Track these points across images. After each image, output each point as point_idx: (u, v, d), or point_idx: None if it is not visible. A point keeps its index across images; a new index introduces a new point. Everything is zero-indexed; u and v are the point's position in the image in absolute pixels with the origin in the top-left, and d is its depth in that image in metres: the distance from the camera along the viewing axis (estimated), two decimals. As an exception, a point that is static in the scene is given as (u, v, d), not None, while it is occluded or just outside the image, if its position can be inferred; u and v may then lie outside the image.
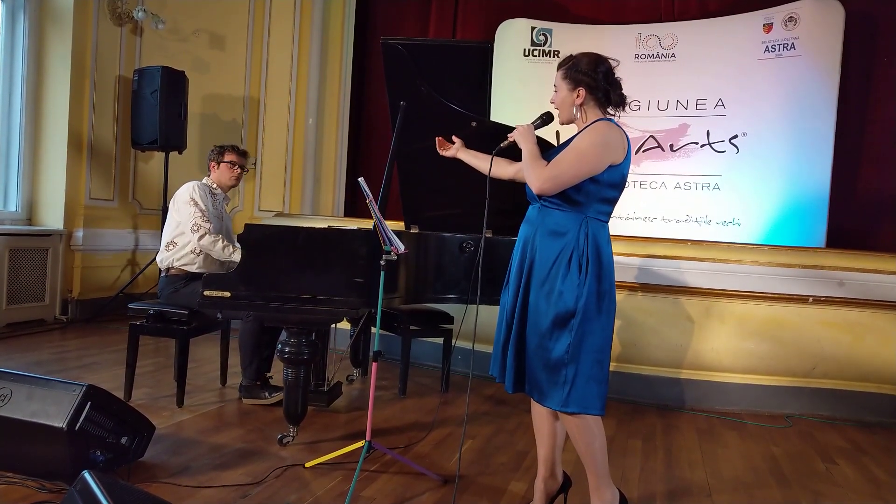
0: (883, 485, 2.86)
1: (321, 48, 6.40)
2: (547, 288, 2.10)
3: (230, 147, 3.68)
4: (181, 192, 3.50)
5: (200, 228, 3.37)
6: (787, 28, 5.36)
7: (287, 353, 2.77)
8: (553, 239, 2.13)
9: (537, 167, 2.13)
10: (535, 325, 2.12)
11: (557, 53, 6.07)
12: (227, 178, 3.64)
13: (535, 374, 2.13)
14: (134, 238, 5.99)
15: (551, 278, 2.10)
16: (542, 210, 2.18)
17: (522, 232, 2.26)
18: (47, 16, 5.29)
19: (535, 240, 2.17)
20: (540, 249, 2.15)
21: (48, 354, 4.26)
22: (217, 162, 3.63)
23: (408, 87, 3.19)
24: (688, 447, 3.20)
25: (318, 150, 6.49)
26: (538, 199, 2.19)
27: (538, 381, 2.12)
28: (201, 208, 3.42)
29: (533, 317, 2.13)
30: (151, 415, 2.70)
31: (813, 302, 3.80)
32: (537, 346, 2.11)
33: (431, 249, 3.09)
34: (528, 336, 2.15)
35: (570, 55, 2.27)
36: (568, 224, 2.12)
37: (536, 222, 2.19)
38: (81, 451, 2.23)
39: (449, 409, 3.60)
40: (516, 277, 2.23)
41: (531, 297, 2.14)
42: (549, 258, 2.12)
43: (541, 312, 2.11)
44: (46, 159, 5.34)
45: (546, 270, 2.12)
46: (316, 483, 2.47)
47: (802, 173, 5.28)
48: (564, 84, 2.23)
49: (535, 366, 2.13)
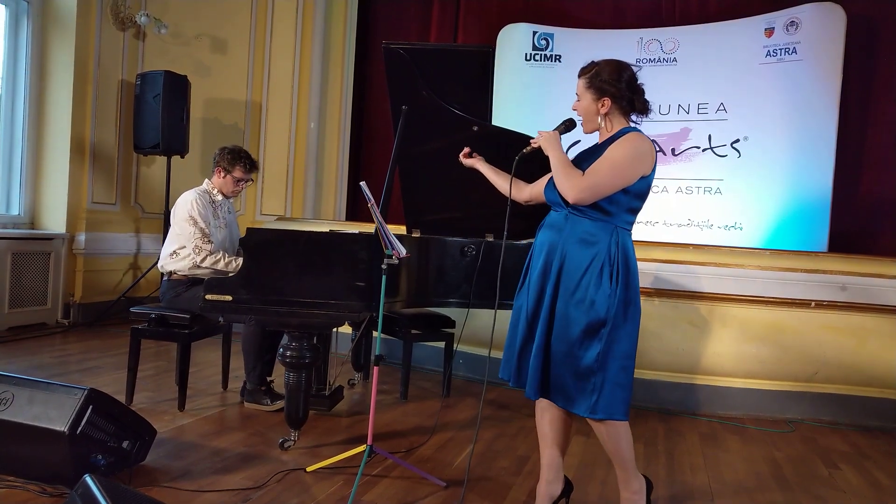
0: (886, 489, 2.85)
1: (323, 52, 6.41)
2: (578, 296, 2.11)
3: (242, 161, 3.53)
4: (180, 206, 3.42)
5: (201, 251, 3.33)
6: (788, 32, 5.37)
7: (288, 356, 2.77)
8: (584, 247, 2.13)
9: (573, 176, 2.14)
10: (564, 332, 2.12)
11: (559, 58, 6.09)
12: (228, 190, 3.57)
13: (562, 381, 2.13)
14: (136, 242, 6.00)
15: (583, 287, 2.11)
16: (570, 217, 2.17)
17: (545, 237, 2.25)
18: (50, 20, 5.31)
19: (563, 247, 2.16)
20: (570, 257, 2.14)
21: (50, 358, 4.27)
22: (224, 171, 3.53)
23: (409, 92, 3.20)
24: (690, 451, 3.19)
25: (320, 154, 6.50)
26: (565, 206, 2.19)
27: (565, 388, 2.13)
28: (201, 227, 3.35)
29: (561, 324, 2.12)
30: (153, 419, 2.70)
31: (815, 306, 3.79)
32: (566, 354, 2.11)
33: (433, 253, 3.09)
34: (555, 343, 2.14)
35: (592, 62, 2.30)
36: (599, 233, 2.13)
37: (564, 229, 2.18)
38: (83, 455, 2.22)
39: (450, 413, 3.59)
40: (538, 283, 2.20)
41: (559, 304, 2.14)
42: (579, 266, 2.12)
43: (571, 321, 2.11)
44: (49, 163, 5.35)
45: (577, 279, 2.12)
46: (317, 487, 2.47)
47: (804, 177, 5.28)
48: (588, 93, 2.25)
49: (563, 373, 2.12)
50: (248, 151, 3.62)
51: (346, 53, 6.55)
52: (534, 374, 2.15)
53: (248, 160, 3.58)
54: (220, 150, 3.57)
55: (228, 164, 3.52)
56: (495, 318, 2.43)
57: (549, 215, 2.30)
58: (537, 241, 2.28)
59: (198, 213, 3.37)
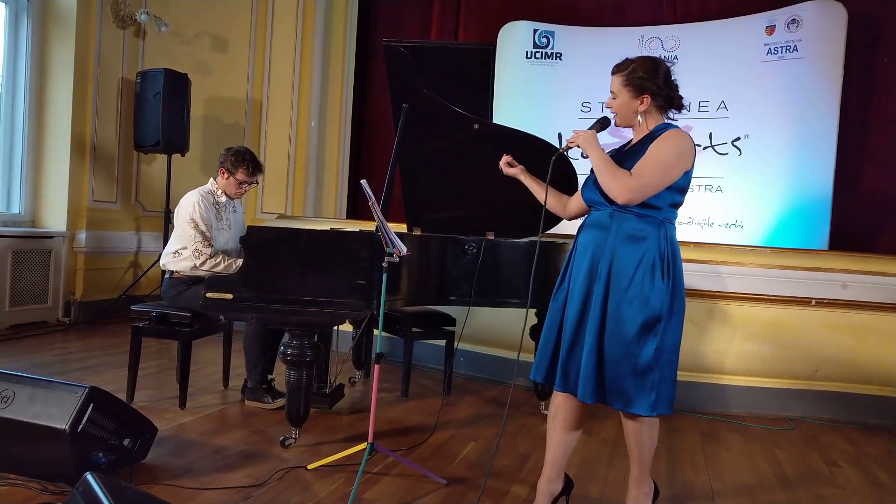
0: (886, 488, 2.85)
1: (323, 50, 6.41)
2: (631, 294, 2.09)
3: (246, 164, 3.48)
4: (183, 208, 3.41)
5: (201, 255, 3.32)
6: (789, 30, 5.36)
7: (289, 355, 2.77)
8: (633, 244, 2.12)
9: (620, 176, 2.13)
10: (619, 332, 2.09)
11: (560, 56, 6.08)
12: (231, 192, 3.55)
13: (620, 383, 2.10)
14: (136, 240, 6.00)
15: (635, 284, 2.09)
16: (615, 216, 2.16)
17: (589, 237, 2.22)
18: (50, 18, 5.31)
19: (612, 246, 2.14)
20: (620, 255, 2.13)
21: (51, 356, 4.27)
22: (228, 173, 3.50)
23: (410, 90, 3.19)
24: (690, 450, 3.19)
25: (321, 153, 6.50)
26: (609, 205, 2.18)
27: (624, 390, 2.09)
28: (201, 231, 3.34)
29: (614, 324, 2.10)
30: (154, 416, 2.70)
31: (816, 304, 3.79)
32: (623, 354, 2.09)
33: (433, 251, 3.09)
34: (609, 344, 2.11)
35: (626, 59, 2.27)
36: (647, 229, 2.13)
37: (610, 228, 2.16)
38: (84, 453, 2.23)
39: (451, 410, 3.60)
40: (584, 283, 2.17)
41: (611, 304, 2.11)
42: (630, 264, 2.11)
43: (626, 319, 2.09)
44: (49, 161, 5.35)
45: (629, 277, 2.10)
46: (318, 485, 2.47)
47: (805, 175, 5.27)
48: (626, 91, 2.23)
49: (622, 373, 2.09)
50: (253, 153, 3.58)
51: (347, 51, 6.54)
52: (588, 377, 2.11)
53: (253, 162, 3.53)
54: (225, 150, 3.53)
55: (232, 166, 3.48)
56: (526, 316, 2.38)
57: (591, 215, 2.29)
58: (579, 241, 2.27)
59: (199, 216, 3.36)
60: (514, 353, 4.21)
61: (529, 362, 3.69)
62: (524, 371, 4.12)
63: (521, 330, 2.53)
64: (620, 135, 6.14)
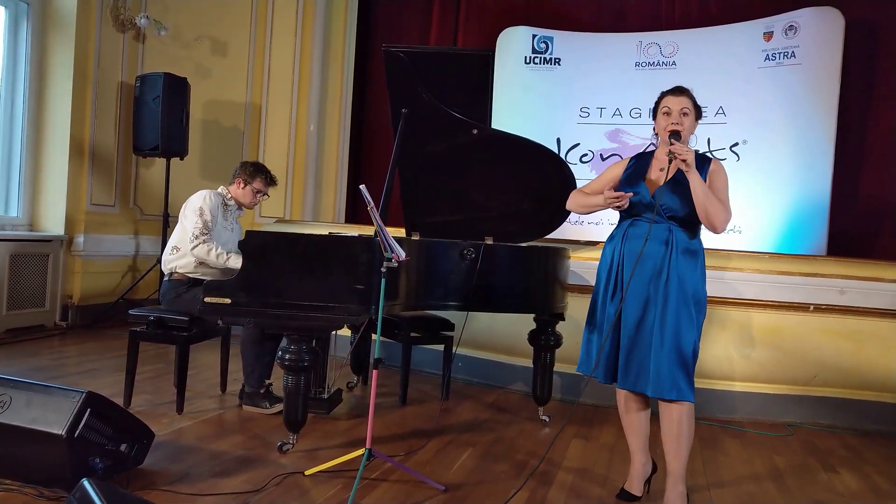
0: (884, 493, 2.85)
1: (323, 55, 6.42)
2: (693, 300, 2.38)
3: (263, 174, 3.65)
4: (193, 200, 3.48)
5: (196, 238, 3.37)
6: (787, 36, 5.38)
7: (287, 360, 2.76)
8: (691, 257, 2.42)
9: (724, 206, 2.40)
10: (677, 334, 2.35)
11: (558, 61, 6.09)
12: (247, 201, 3.65)
13: (676, 376, 2.34)
14: (135, 244, 5.99)
15: (697, 293, 2.39)
16: (674, 231, 2.43)
17: (637, 247, 2.40)
18: (50, 22, 5.31)
19: (672, 258, 2.40)
20: (682, 268, 2.39)
21: (48, 360, 4.26)
22: (245, 182, 3.61)
23: (409, 95, 3.20)
24: (689, 455, 3.18)
25: (320, 157, 6.50)
26: (665, 220, 2.42)
27: (677, 381, 2.34)
28: (205, 219, 3.40)
29: (674, 328, 2.35)
30: (151, 421, 2.69)
31: (814, 310, 3.79)
32: (681, 352, 2.35)
33: (432, 256, 3.09)
34: (668, 342, 2.35)
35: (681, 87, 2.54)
36: (697, 244, 2.47)
37: (669, 242, 2.41)
38: (80, 458, 2.22)
39: (449, 416, 3.59)
40: (644, 290, 2.40)
41: (672, 308, 2.36)
42: (691, 273, 2.40)
43: (685, 321, 2.36)
44: (48, 165, 5.35)
45: (693, 286, 2.39)
46: (316, 491, 2.46)
47: (803, 181, 5.28)
48: (694, 113, 2.52)
49: (678, 367, 2.34)
50: (266, 168, 3.74)
51: (346, 56, 6.55)
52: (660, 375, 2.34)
53: (269, 174, 3.71)
54: (241, 163, 3.70)
55: (249, 176, 3.62)
56: (607, 318, 2.42)
57: (640, 225, 2.46)
58: (629, 249, 2.46)
59: (208, 207, 3.43)
60: (512, 359, 4.24)
61: (528, 367, 3.71)
62: (523, 376, 4.13)
63: (520, 334, 2.55)
64: (619, 140, 6.17)
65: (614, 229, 2.60)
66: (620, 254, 2.49)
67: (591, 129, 5.99)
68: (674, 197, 2.42)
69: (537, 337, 3.55)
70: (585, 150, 6.01)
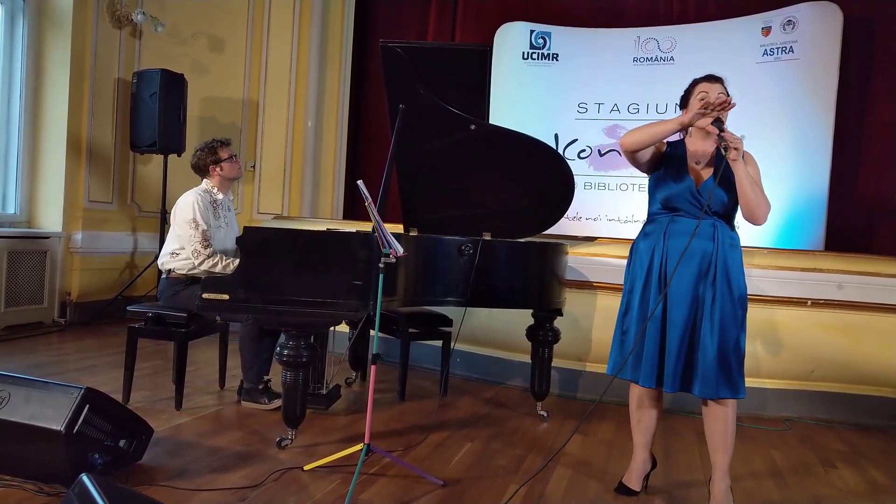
0: (881, 488, 2.86)
1: (320, 51, 6.41)
2: (737, 294, 2.34)
3: (217, 143, 3.54)
4: (181, 209, 3.40)
5: (200, 255, 3.31)
6: (785, 32, 5.37)
7: (286, 356, 2.77)
8: (734, 251, 2.39)
9: (766, 200, 2.33)
10: (730, 329, 2.32)
11: (556, 57, 6.08)
12: (234, 174, 3.59)
13: (733, 373, 2.33)
14: (132, 240, 5.99)
15: (742, 290, 2.36)
16: (718, 226, 2.37)
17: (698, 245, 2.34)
18: (46, 18, 5.30)
19: (720, 253, 2.35)
20: (728, 262, 2.35)
21: (46, 357, 4.26)
22: (217, 163, 3.52)
23: (407, 90, 3.20)
24: (686, 450, 3.20)
25: (317, 153, 6.50)
26: (710, 216, 2.36)
27: (733, 378, 2.33)
28: (202, 230, 3.33)
29: (722, 327, 2.31)
30: (150, 417, 2.70)
31: (811, 305, 3.80)
32: (734, 349, 2.33)
33: (430, 252, 3.09)
34: (722, 341, 2.31)
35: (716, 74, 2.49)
36: (736, 238, 2.43)
37: (715, 238, 2.36)
38: (79, 454, 2.22)
39: (448, 411, 3.60)
40: (692, 289, 2.34)
41: (720, 305, 2.32)
42: (737, 268, 2.37)
43: (732, 317, 2.33)
44: (45, 162, 5.34)
45: (738, 284, 2.36)
46: (314, 486, 2.47)
47: (801, 176, 5.28)
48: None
49: (733, 365, 2.33)
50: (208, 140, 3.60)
51: (344, 52, 6.54)
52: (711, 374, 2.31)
53: (219, 140, 3.58)
54: (194, 158, 3.55)
55: (214, 157, 3.51)
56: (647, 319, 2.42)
57: (680, 222, 2.39)
58: (672, 246, 2.38)
59: (200, 216, 3.35)
60: (511, 354, 4.24)
61: (527, 363, 3.71)
62: (521, 371, 4.14)
63: (518, 330, 2.53)
64: (617, 135, 6.16)
65: (647, 225, 2.51)
66: (663, 251, 2.39)
67: (589, 125, 5.99)
68: (719, 190, 2.32)
69: (535, 332, 3.56)
70: (583, 145, 6.01)
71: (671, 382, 2.36)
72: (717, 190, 2.31)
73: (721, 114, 2.33)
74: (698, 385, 2.32)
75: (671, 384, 2.36)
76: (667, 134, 2.37)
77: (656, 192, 2.48)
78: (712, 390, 2.31)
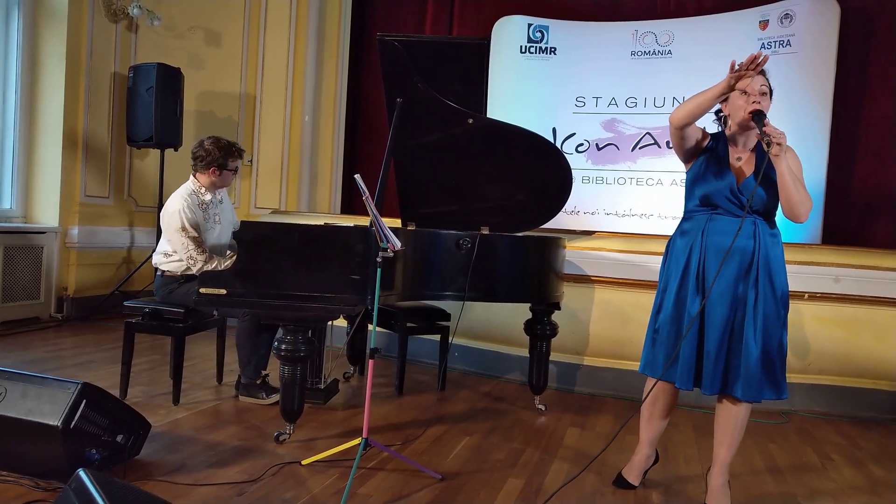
0: (878, 480, 2.87)
1: (317, 44, 6.38)
2: (779, 293, 2.30)
3: (234, 153, 3.42)
4: (169, 216, 3.29)
5: (196, 262, 3.25)
6: (782, 25, 5.36)
7: (283, 350, 2.76)
8: (776, 247, 2.34)
9: (807, 194, 2.25)
10: (771, 330, 2.27)
11: (554, 50, 6.07)
12: (226, 183, 3.49)
13: (777, 373, 2.29)
14: (129, 235, 5.97)
15: (784, 284, 2.32)
16: (758, 224, 2.32)
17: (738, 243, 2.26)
18: (42, 12, 5.27)
19: (763, 252, 2.29)
20: (771, 259, 2.30)
21: (43, 352, 4.25)
22: (220, 168, 3.40)
23: (404, 84, 3.19)
24: (684, 443, 3.21)
25: (315, 147, 6.48)
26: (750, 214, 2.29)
27: (777, 378, 2.29)
28: (192, 237, 3.25)
29: (765, 327, 2.26)
30: (147, 413, 2.69)
31: (808, 298, 3.80)
32: (778, 349, 2.29)
33: (428, 246, 3.09)
34: (767, 342, 2.26)
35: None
36: (777, 231, 2.38)
37: (756, 236, 2.30)
38: (76, 450, 2.22)
39: (446, 405, 3.60)
40: (732, 288, 2.28)
41: (760, 310, 2.26)
42: (779, 265, 2.33)
43: (774, 321, 2.28)
44: (41, 156, 5.32)
45: (781, 278, 2.32)
46: (312, 480, 2.47)
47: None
48: (769, 94, 2.38)
49: (778, 364, 2.29)
50: (228, 140, 3.48)
51: (341, 45, 6.51)
52: (754, 376, 2.25)
53: (238, 148, 3.47)
54: (201, 149, 3.40)
55: (223, 160, 3.40)
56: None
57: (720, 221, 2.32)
58: (711, 245, 2.32)
59: (188, 223, 3.26)
60: (509, 348, 4.24)
61: (525, 357, 3.71)
62: (519, 365, 4.14)
63: (516, 324, 2.51)
64: (614, 129, 6.15)
65: (685, 223, 2.44)
66: (702, 250, 2.32)
67: (586, 119, 5.98)
68: (760, 187, 2.25)
69: (533, 326, 3.56)
70: (581, 139, 6.00)
71: (710, 384, 2.29)
72: (758, 188, 2.24)
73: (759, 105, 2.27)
74: (741, 387, 2.25)
75: (710, 386, 2.29)
76: (712, 100, 2.28)
77: (695, 188, 2.40)
78: (756, 392, 2.25)
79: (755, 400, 2.29)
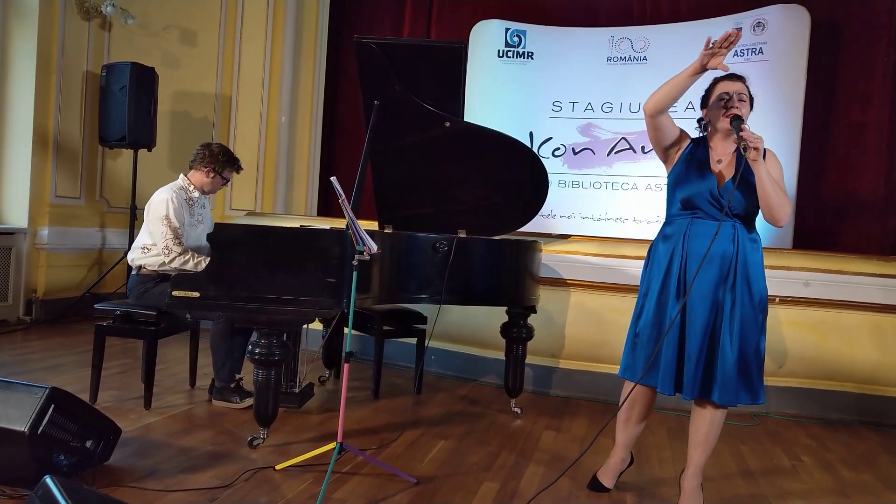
0: (846, 481, 2.92)
1: (294, 45, 6.34)
2: (757, 298, 2.30)
3: (235, 165, 3.52)
4: (155, 205, 3.32)
5: (171, 252, 3.24)
6: (755, 33, 5.46)
7: (258, 354, 2.74)
8: (755, 252, 2.33)
9: (788, 199, 2.27)
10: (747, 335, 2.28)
11: (531, 55, 6.10)
12: (215, 188, 3.53)
13: (753, 378, 2.29)
14: (101, 237, 5.88)
15: (762, 289, 2.31)
16: (737, 228, 2.31)
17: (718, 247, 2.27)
18: (12, 9, 5.17)
19: (742, 257, 2.29)
20: (750, 264, 2.30)
21: (11, 356, 4.16)
22: (214, 172, 3.46)
23: (381, 87, 3.18)
24: (658, 445, 3.24)
25: (291, 149, 6.44)
26: (730, 217, 2.30)
27: (753, 382, 2.29)
28: (174, 228, 3.26)
29: (742, 329, 2.27)
30: (118, 417, 2.65)
31: (779, 302, 3.87)
32: (755, 354, 2.29)
33: (405, 249, 3.08)
34: (744, 346, 2.27)
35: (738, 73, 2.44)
36: (756, 236, 2.37)
37: (735, 240, 2.30)
38: (44, 456, 2.17)
39: (422, 409, 3.59)
40: (712, 293, 2.29)
41: (738, 314, 2.27)
42: (757, 270, 2.32)
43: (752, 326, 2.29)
44: (10, 156, 5.21)
45: (759, 283, 2.31)
46: (286, 485, 2.45)
47: (770, 176, 5.37)
48: (749, 101, 2.42)
49: (754, 369, 2.29)
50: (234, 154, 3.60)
51: (319, 47, 6.49)
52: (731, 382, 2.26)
53: (238, 163, 3.57)
54: (206, 149, 3.48)
55: (220, 166, 3.47)
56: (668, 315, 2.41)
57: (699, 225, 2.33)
58: (692, 249, 2.32)
59: (173, 213, 3.28)
60: (485, 351, 4.25)
61: (501, 360, 3.72)
62: (495, 368, 4.15)
63: (492, 327, 2.51)
64: (590, 134, 6.19)
65: (667, 227, 2.44)
66: (683, 254, 2.33)
67: (563, 124, 6.03)
68: (738, 191, 2.26)
69: (509, 329, 3.57)
70: (558, 143, 6.04)
71: (691, 389, 2.29)
72: (736, 191, 2.25)
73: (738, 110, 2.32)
74: (717, 391, 2.26)
75: (691, 391, 2.29)
76: (685, 80, 2.29)
77: (676, 191, 2.41)
78: (732, 396, 2.27)
79: (731, 404, 2.30)
